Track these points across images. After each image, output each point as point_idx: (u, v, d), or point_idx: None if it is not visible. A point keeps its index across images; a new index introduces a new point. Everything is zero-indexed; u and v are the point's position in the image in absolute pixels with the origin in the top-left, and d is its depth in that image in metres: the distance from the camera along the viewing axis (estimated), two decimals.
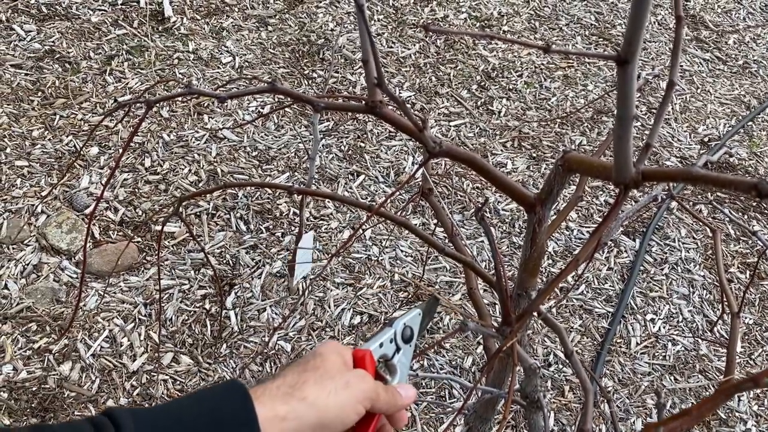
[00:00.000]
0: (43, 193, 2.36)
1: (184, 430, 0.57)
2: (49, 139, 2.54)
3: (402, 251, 2.38)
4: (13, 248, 2.21)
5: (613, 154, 0.64)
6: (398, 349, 0.76)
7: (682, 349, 2.25)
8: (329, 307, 2.20)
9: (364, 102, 0.81)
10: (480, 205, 0.80)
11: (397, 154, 2.70)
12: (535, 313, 0.88)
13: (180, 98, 2.76)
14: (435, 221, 2.43)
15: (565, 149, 0.78)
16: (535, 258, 0.88)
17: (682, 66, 3.34)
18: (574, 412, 2.06)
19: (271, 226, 2.39)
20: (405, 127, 0.81)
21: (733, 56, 3.44)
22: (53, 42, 2.91)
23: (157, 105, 2.70)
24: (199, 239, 2.31)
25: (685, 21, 3.60)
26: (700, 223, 2.60)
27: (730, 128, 3.03)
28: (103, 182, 2.42)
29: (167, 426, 0.57)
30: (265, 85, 0.79)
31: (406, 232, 2.44)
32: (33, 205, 2.32)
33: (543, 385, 2.11)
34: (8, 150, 2.48)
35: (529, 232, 0.86)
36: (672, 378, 2.17)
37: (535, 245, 0.87)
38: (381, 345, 0.75)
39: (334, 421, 0.64)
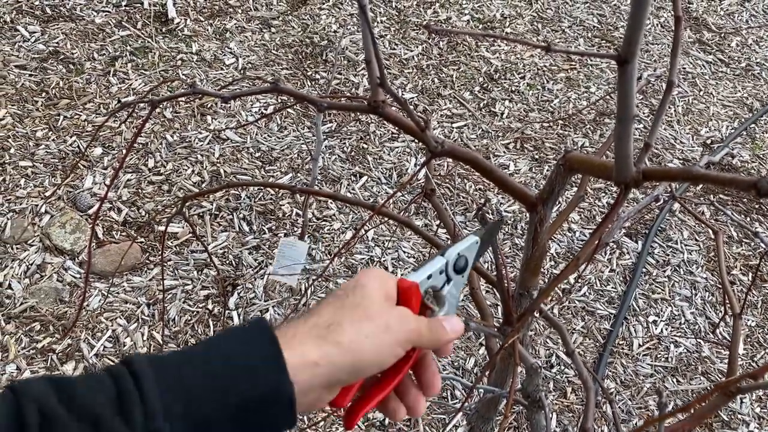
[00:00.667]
0: (47, 194, 2.37)
1: (203, 378, 0.54)
2: (53, 140, 2.55)
3: (404, 252, 2.38)
4: (17, 248, 2.21)
5: (613, 154, 0.64)
6: (449, 280, 0.70)
7: (685, 351, 2.25)
8: None
9: (366, 102, 0.81)
10: (481, 205, 0.81)
11: (400, 156, 2.71)
12: (537, 312, 0.88)
13: (183, 99, 2.77)
14: (437, 222, 2.44)
15: (566, 149, 0.78)
16: (536, 257, 0.89)
17: (684, 68, 3.34)
18: (577, 413, 2.06)
19: (273, 227, 2.39)
20: (407, 126, 0.82)
21: (736, 58, 3.44)
22: (57, 43, 2.92)
23: (161, 106, 2.72)
24: (202, 240, 2.32)
25: (688, 23, 3.61)
26: (703, 226, 2.60)
27: (732, 130, 3.03)
28: (107, 183, 2.43)
29: (183, 375, 0.54)
30: (269, 85, 0.80)
31: (409, 233, 2.44)
32: (37, 205, 2.33)
33: (545, 386, 2.11)
34: (12, 150, 2.49)
35: (531, 231, 0.86)
36: (674, 380, 2.17)
37: (536, 245, 0.87)
38: (429, 277, 0.68)
39: (371, 365, 0.59)
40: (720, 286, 2.42)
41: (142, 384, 0.52)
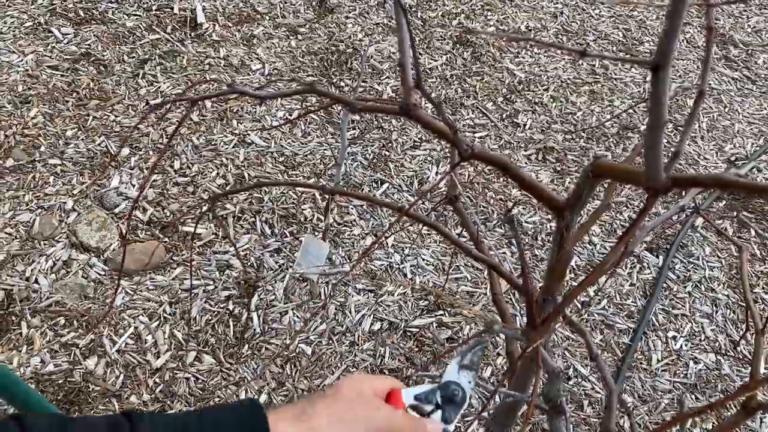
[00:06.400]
0: (75, 191, 2.42)
1: None
2: (82, 139, 2.60)
3: (423, 259, 2.39)
4: (45, 244, 2.26)
5: (644, 159, 0.65)
6: (438, 407, 0.76)
7: (704, 367, 2.23)
8: (350, 313, 2.22)
9: (398, 105, 0.83)
10: (509, 210, 0.82)
11: (422, 164, 2.72)
12: (560, 318, 0.89)
13: (211, 101, 2.81)
14: (457, 230, 2.44)
15: (595, 155, 0.79)
16: (562, 263, 0.89)
17: (710, 84, 3.33)
18: (593, 426, 2.05)
19: (295, 231, 2.41)
20: (438, 129, 0.83)
21: (763, 76, 3.42)
22: (89, 45, 2.98)
23: (188, 108, 2.76)
24: (224, 241, 2.35)
25: (715, 39, 3.59)
26: (725, 242, 2.58)
27: (757, 148, 3.01)
28: (133, 182, 2.47)
29: None
30: (305, 86, 0.82)
31: (428, 240, 2.45)
32: (65, 202, 2.38)
33: (564, 395, 2.10)
34: (43, 148, 2.54)
35: (557, 236, 0.87)
36: (693, 396, 2.15)
37: (562, 250, 0.88)
38: (416, 396, 0.76)
39: None
40: (742, 303, 2.39)
41: None
